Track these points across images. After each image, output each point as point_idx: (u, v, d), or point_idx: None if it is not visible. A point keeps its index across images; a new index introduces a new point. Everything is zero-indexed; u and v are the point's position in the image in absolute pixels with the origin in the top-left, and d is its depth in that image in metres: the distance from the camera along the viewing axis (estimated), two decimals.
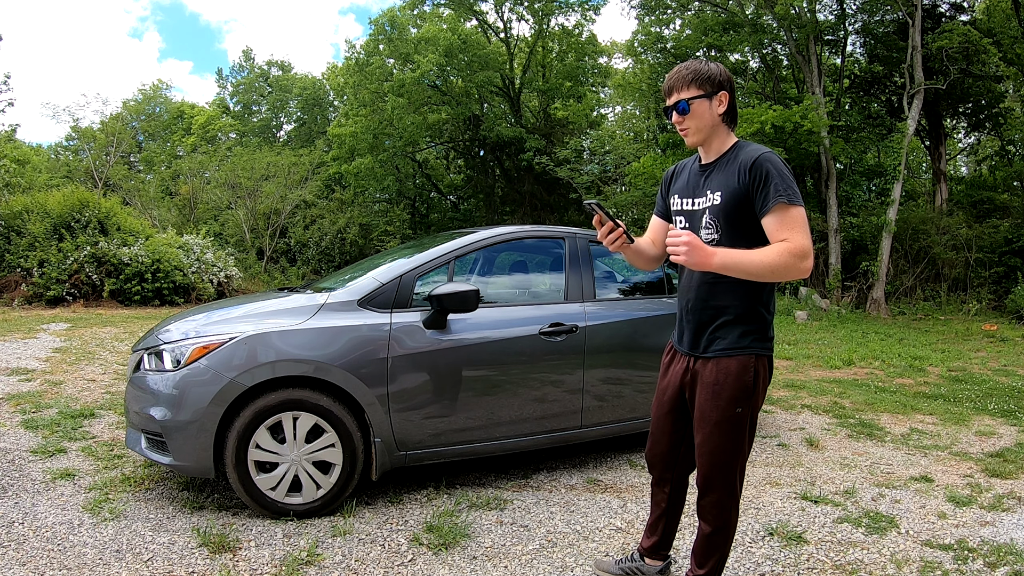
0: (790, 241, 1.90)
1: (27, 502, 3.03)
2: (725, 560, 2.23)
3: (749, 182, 1.98)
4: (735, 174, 2.02)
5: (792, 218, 1.92)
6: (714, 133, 2.10)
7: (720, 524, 2.16)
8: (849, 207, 16.52)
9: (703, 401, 2.11)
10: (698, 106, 2.05)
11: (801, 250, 1.88)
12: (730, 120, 2.11)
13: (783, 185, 1.94)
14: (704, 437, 2.10)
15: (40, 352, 6.95)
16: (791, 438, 4.61)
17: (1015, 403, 5.84)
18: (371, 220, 23.77)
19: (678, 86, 2.07)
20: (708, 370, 2.10)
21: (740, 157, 2.03)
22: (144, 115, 34.99)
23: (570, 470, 3.80)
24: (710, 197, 2.07)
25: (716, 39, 17.03)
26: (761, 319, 2.09)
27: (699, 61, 2.09)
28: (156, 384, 2.97)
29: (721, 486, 2.12)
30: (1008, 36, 15.36)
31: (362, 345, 3.07)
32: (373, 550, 2.71)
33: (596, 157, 20.73)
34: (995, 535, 2.99)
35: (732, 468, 2.10)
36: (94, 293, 12.44)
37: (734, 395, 2.05)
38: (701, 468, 2.15)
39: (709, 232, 2.08)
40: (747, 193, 1.99)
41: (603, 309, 3.78)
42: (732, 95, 2.08)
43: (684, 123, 2.08)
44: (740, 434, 2.08)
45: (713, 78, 2.04)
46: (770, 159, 1.98)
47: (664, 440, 2.32)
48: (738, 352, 2.06)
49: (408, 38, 22.70)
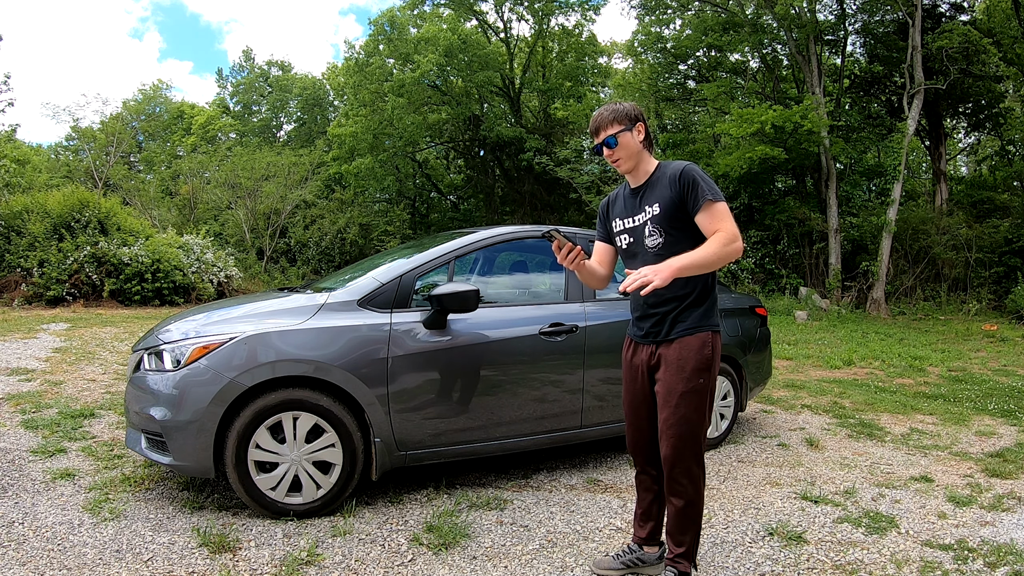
0: (721, 231, 2.22)
1: (27, 502, 3.03)
2: (699, 537, 2.39)
3: (680, 189, 2.31)
4: (667, 186, 2.34)
5: (719, 211, 2.26)
6: (640, 158, 2.42)
7: (692, 496, 2.33)
8: (849, 207, 16.52)
9: (669, 376, 2.34)
10: (623, 138, 2.38)
11: (733, 235, 2.22)
12: (648, 146, 2.43)
13: (707, 187, 2.28)
14: (671, 409, 2.32)
15: (40, 352, 6.95)
16: (791, 438, 4.61)
17: (1015, 403, 5.84)
18: (371, 220, 23.77)
19: (603, 125, 2.40)
20: (672, 350, 2.35)
21: (668, 172, 2.36)
22: (144, 115, 34.95)
23: (570, 470, 3.80)
24: (648, 211, 2.38)
25: (716, 39, 17.05)
26: (712, 300, 2.40)
27: (615, 103, 2.45)
28: (156, 384, 2.97)
29: (690, 455, 2.31)
30: (1008, 36, 15.37)
31: (362, 345, 3.07)
32: (373, 550, 2.71)
33: (596, 157, 20.73)
34: (995, 535, 2.99)
35: (697, 437, 2.32)
36: (94, 293, 12.43)
37: (697, 367, 2.31)
38: (669, 440, 2.32)
39: (653, 238, 2.37)
40: (680, 198, 2.31)
41: (603, 309, 3.78)
42: (646, 125, 2.44)
43: (615, 155, 2.40)
44: (703, 403, 2.33)
45: (629, 114, 2.39)
46: (693, 169, 2.32)
47: (644, 426, 2.50)
48: (697, 330, 2.34)
49: (408, 38, 22.70)
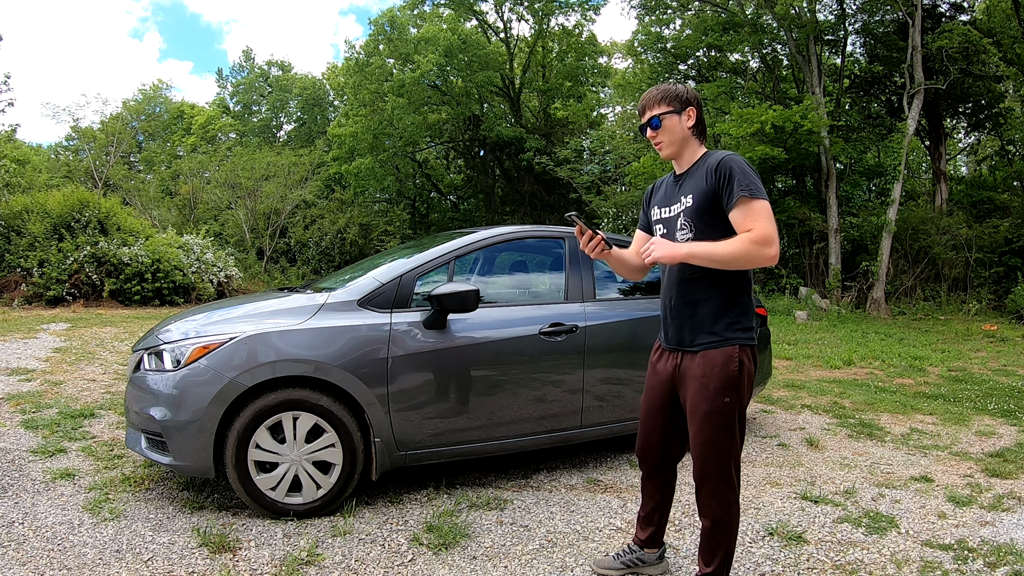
0: (753, 230, 2.03)
1: (27, 502, 3.03)
2: (731, 557, 2.24)
3: (715, 182, 2.13)
4: (703, 177, 2.18)
5: (755, 210, 2.06)
6: (685, 145, 2.27)
7: (720, 517, 2.19)
8: (849, 207, 16.52)
9: (693, 394, 2.19)
10: (668, 121, 2.23)
11: (764, 237, 2.01)
12: (699, 133, 2.27)
13: (745, 181, 2.08)
14: (697, 429, 2.18)
15: (40, 352, 6.95)
16: (791, 438, 4.61)
17: (1015, 403, 5.84)
18: (371, 220, 23.77)
19: (650, 104, 2.26)
20: (695, 364, 2.19)
21: (707, 161, 2.20)
22: (144, 115, 34.96)
23: (570, 470, 3.80)
24: (683, 202, 2.24)
25: (716, 39, 17.04)
26: (741, 310, 2.19)
27: (668, 83, 2.30)
28: (156, 384, 2.97)
29: (717, 477, 2.17)
30: (1008, 36, 15.36)
31: (362, 345, 3.07)
32: (373, 550, 2.71)
33: (596, 157, 20.74)
34: (995, 535, 2.99)
35: (726, 458, 2.16)
36: (94, 293, 12.44)
37: (721, 385, 2.13)
38: (696, 460, 2.20)
39: (684, 232, 2.22)
40: (715, 192, 2.14)
41: (603, 309, 3.78)
42: (699, 111, 2.26)
43: (657, 137, 2.26)
44: (730, 424, 2.15)
45: (680, 96, 2.24)
46: (733, 159, 2.13)
47: (655, 435, 2.39)
48: (722, 343, 2.16)
49: (408, 38, 22.71)
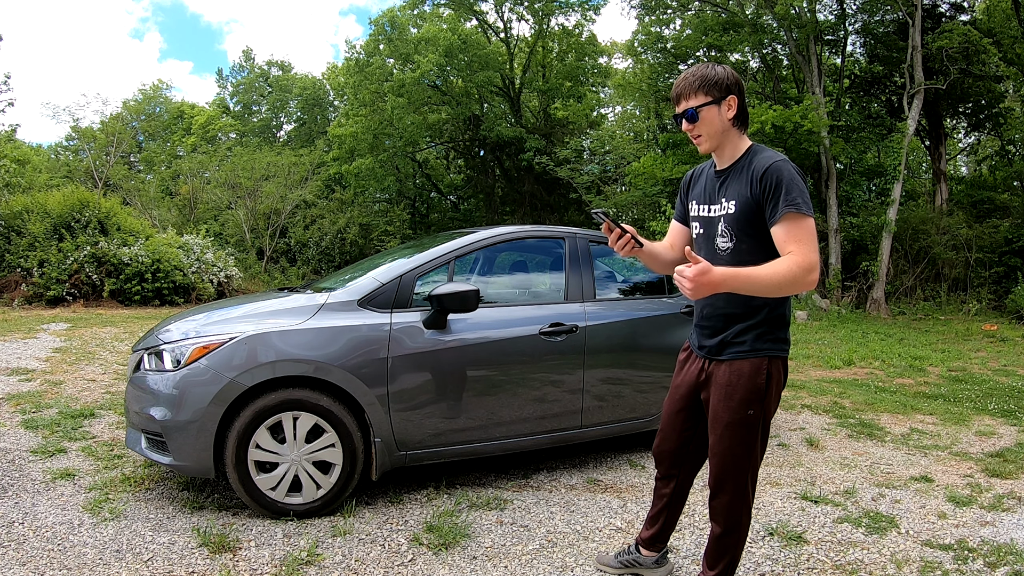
0: (796, 254, 1.87)
1: (27, 502, 3.03)
2: (736, 563, 2.23)
3: (760, 191, 1.96)
4: (747, 183, 2.00)
5: (800, 229, 1.89)
6: (726, 139, 2.07)
7: (731, 526, 2.16)
8: (849, 207, 16.50)
9: (716, 403, 2.11)
10: (707, 113, 2.02)
11: (807, 264, 1.85)
12: (741, 123, 2.06)
13: (793, 195, 1.90)
14: (716, 438, 2.11)
15: (40, 352, 6.95)
16: (791, 438, 4.61)
17: (1015, 403, 5.84)
18: (371, 220, 23.77)
19: (686, 93, 2.03)
20: (722, 372, 2.10)
21: (754, 164, 2.00)
22: (144, 115, 34.92)
23: (570, 470, 3.80)
24: (725, 206, 2.06)
25: (716, 39, 17.02)
26: (775, 323, 2.07)
27: (706, 66, 2.04)
28: (156, 384, 2.97)
29: (732, 488, 2.12)
30: (1008, 36, 15.36)
31: (362, 345, 3.07)
32: (373, 550, 2.71)
33: (596, 157, 20.73)
34: (995, 535, 2.99)
35: (743, 470, 2.10)
36: (94, 293, 12.43)
37: (746, 397, 2.04)
38: (713, 469, 2.15)
39: (724, 240, 2.08)
40: (758, 203, 1.97)
41: (603, 309, 3.77)
42: (741, 98, 2.04)
43: (695, 131, 2.06)
44: (752, 437, 2.07)
45: (720, 83, 2.00)
46: (781, 168, 1.94)
47: (674, 437, 2.33)
48: (751, 355, 2.05)
49: (408, 38, 22.70)
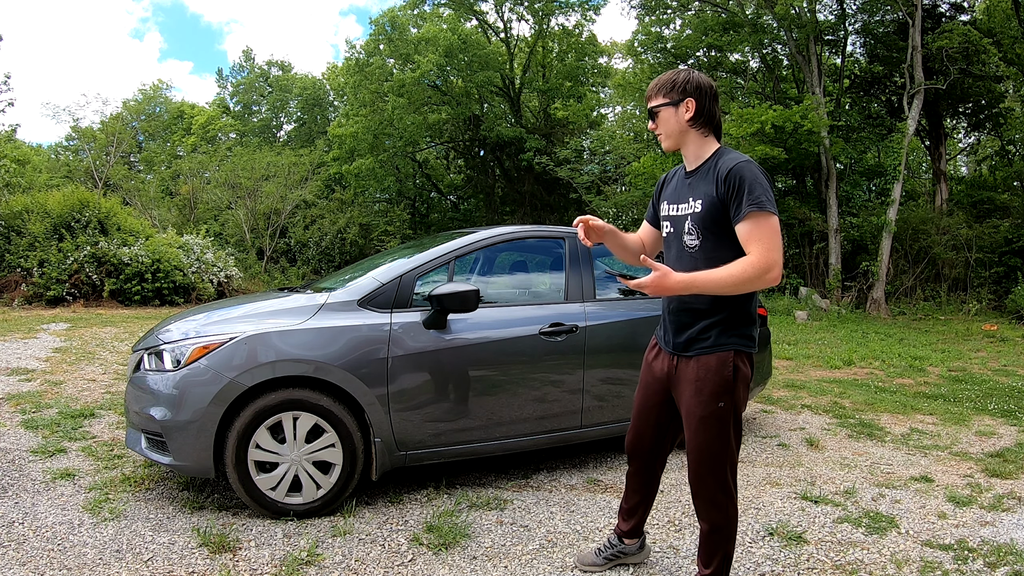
0: (753, 254, 1.94)
1: (27, 502, 3.03)
2: (731, 559, 2.24)
3: (725, 191, 2.02)
4: (713, 183, 2.06)
5: (762, 228, 1.95)
6: (685, 139, 2.15)
7: (718, 522, 2.18)
8: (849, 207, 16.51)
9: (688, 398, 2.15)
10: (665, 113, 2.13)
11: (764, 264, 1.92)
12: (703, 125, 2.12)
13: (756, 193, 1.96)
14: (692, 434, 2.15)
15: (40, 352, 6.95)
16: (791, 438, 4.61)
17: (1015, 403, 5.84)
18: (371, 220, 23.78)
19: (651, 94, 2.17)
20: (690, 368, 2.15)
21: (719, 165, 2.07)
22: (144, 115, 34.91)
23: (570, 470, 3.80)
24: (692, 204, 2.13)
25: (716, 39, 17.03)
26: (740, 319, 2.11)
27: (676, 71, 2.16)
28: (156, 384, 2.97)
29: (712, 482, 2.14)
30: (1008, 36, 15.36)
31: (362, 345, 3.07)
32: (373, 550, 2.71)
33: (596, 157, 20.75)
34: (995, 535, 2.99)
35: (721, 464, 2.13)
36: (94, 293, 12.43)
37: (715, 390, 2.09)
38: (691, 465, 2.17)
39: (691, 238, 2.14)
40: (723, 201, 2.03)
41: (603, 309, 3.78)
42: (704, 102, 2.10)
43: (656, 129, 2.19)
44: (725, 429, 2.11)
45: (679, 86, 2.10)
46: (744, 168, 2.00)
47: (647, 432, 2.38)
48: (716, 349, 2.10)
49: (408, 38, 22.71)
